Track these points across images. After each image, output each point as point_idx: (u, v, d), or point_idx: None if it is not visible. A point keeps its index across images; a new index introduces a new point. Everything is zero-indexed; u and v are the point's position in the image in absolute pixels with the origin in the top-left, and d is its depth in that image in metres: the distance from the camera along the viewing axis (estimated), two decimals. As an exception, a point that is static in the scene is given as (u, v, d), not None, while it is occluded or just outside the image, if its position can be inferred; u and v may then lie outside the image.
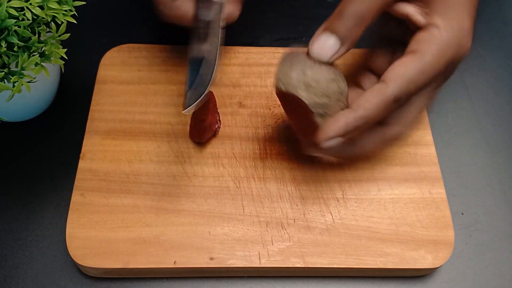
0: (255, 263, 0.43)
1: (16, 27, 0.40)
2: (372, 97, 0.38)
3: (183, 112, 0.40)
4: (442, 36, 0.38)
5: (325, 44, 0.39)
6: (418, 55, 0.38)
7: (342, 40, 0.39)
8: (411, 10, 0.40)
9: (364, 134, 0.42)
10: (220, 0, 0.44)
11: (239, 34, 0.40)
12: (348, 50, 0.39)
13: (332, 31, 0.39)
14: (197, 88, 0.41)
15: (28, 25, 0.41)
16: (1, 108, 0.47)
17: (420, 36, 0.39)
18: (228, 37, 0.46)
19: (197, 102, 0.41)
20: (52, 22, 0.43)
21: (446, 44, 0.38)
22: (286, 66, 0.40)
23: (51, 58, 0.43)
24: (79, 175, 0.47)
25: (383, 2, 0.39)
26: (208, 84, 0.41)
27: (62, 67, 0.47)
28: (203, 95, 0.41)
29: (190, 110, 0.41)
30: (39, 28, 0.42)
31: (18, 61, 0.41)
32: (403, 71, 0.38)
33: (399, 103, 0.39)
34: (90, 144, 0.48)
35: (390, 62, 0.40)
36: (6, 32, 0.39)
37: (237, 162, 0.48)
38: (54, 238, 0.46)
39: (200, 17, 0.44)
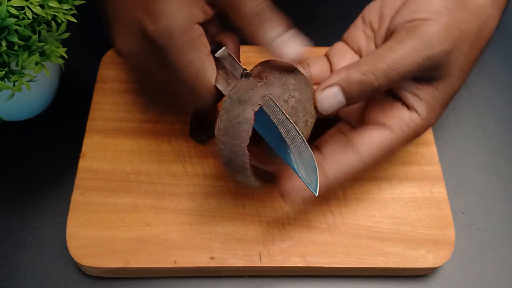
0: (256, 263, 0.43)
1: (16, 26, 0.39)
2: (346, 168, 0.40)
3: (316, 195, 0.37)
4: (418, 127, 0.40)
5: (335, 99, 0.38)
6: (395, 134, 0.40)
7: (348, 101, 0.39)
8: (408, 87, 0.40)
9: None
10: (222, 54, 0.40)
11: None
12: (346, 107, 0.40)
13: (345, 91, 0.38)
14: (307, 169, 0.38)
15: (29, 24, 0.41)
16: (1, 107, 0.47)
17: (404, 114, 0.40)
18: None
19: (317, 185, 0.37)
20: (52, 21, 0.43)
21: (416, 135, 0.41)
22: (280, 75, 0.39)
23: (51, 57, 0.43)
24: (79, 174, 0.46)
25: (403, 80, 0.39)
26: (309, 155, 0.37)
27: (63, 66, 0.47)
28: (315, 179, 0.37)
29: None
30: (40, 27, 0.42)
31: (18, 60, 0.41)
32: (383, 147, 0.40)
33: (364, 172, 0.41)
34: (91, 143, 0.48)
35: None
36: (7, 31, 0.39)
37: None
38: (54, 237, 0.46)
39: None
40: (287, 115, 0.37)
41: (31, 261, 0.45)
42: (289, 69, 0.39)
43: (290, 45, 0.37)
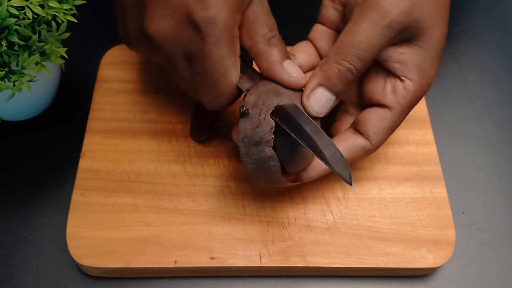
0: (256, 263, 0.43)
1: (16, 26, 0.40)
2: (355, 153, 0.41)
3: (352, 187, 0.38)
4: (416, 92, 0.40)
5: (323, 99, 0.40)
6: (395, 111, 0.40)
7: (337, 95, 0.40)
8: (391, 57, 0.40)
9: None
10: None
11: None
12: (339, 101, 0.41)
13: (329, 87, 0.40)
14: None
15: (29, 24, 0.41)
16: (1, 107, 0.47)
17: (398, 88, 0.40)
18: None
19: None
20: (52, 21, 0.43)
21: (417, 99, 0.41)
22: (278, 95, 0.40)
23: (52, 57, 0.43)
24: (79, 174, 0.46)
25: (377, 54, 0.39)
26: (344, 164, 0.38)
27: (63, 66, 0.47)
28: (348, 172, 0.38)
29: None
30: (40, 27, 0.42)
31: (18, 60, 0.41)
32: (384, 127, 0.41)
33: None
34: (91, 143, 0.48)
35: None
36: (7, 31, 0.39)
37: (238, 161, 0.48)
38: (54, 237, 0.46)
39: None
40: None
41: (31, 261, 0.45)
42: (281, 91, 0.40)
43: (295, 67, 0.41)
